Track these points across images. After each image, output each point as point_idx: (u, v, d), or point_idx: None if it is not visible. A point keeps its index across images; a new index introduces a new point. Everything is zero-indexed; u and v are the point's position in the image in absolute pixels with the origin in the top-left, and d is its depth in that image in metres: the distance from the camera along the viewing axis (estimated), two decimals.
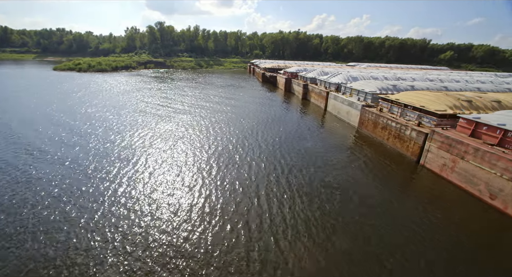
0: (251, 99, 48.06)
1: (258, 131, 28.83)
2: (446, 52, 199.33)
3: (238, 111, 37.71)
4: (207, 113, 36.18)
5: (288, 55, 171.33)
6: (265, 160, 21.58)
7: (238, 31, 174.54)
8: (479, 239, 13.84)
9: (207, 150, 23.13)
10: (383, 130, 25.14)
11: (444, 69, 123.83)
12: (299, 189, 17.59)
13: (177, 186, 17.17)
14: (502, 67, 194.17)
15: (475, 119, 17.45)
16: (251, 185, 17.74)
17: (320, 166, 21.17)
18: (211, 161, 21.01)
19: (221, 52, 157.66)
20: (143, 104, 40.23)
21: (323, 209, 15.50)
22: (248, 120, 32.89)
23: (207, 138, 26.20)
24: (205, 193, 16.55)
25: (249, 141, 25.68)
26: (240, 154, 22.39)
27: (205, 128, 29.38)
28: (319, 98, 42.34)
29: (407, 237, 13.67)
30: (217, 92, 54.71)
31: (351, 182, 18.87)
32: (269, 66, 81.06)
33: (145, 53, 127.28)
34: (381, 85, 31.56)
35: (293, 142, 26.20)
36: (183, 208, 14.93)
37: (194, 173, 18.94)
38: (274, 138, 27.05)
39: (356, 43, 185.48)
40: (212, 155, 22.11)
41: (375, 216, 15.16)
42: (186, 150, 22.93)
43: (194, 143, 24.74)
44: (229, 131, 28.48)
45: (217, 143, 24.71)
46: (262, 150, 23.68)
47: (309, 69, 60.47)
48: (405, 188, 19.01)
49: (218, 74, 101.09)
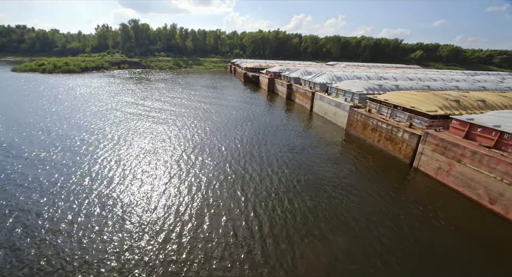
0: (234, 101, 46.07)
1: (243, 136, 27.05)
2: (416, 51, 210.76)
3: (221, 114, 35.59)
4: (188, 118, 33.67)
5: (269, 55, 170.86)
6: (250, 167, 19.98)
7: (217, 30, 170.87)
8: (480, 245, 13.23)
9: (191, 161, 20.91)
10: (373, 132, 24.47)
11: (416, 67, 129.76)
12: (287, 194, 16.67)
13: (161, 209, 14.91)
14: (464, 65, 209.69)
15: (469, 120, 17.03)
16: (238, 197, 16.02)
17: (309, 169, 20.28)
18: (195, 170, 18.92)
19: (200, 52, 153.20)
20: (116, 111, 36.69)
21: (311, 215, 14.72)
22: (232, 124, 30.94)
23: (190, 147, 23.90)
24: (196, 209, 14.57)
25: (233, 147, 23.81)
26: (224, 164, 20.49)
27: (188, 136, 27.00)
28: (304, 99, 41.39)
29: (402, 242, 13.12)
30: (198, 94, 51.98)
31: (341, 186, 18.09)
32: (250, 66, 79.35)
33: (118, 53, 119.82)
34: (367, 85, 31.11)
35: (280, 145, 24.93)
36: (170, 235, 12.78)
37: (179, 191, 16.73)
38: (259, 142, 25.50)
39: (334, 43, 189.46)
40: (196, 165, 19.98)
41: (368, 220, 14.52)
42: (168, 164, 20.53)
43: (176, 154, 22.37)
44: (213, 137, 26.36)
45: (201, 151, 22.56)
46: (247, 156, 22.02)
47: (292, 68, 59.61)
48: (399, 191, 18.22)
49: (198, 74, 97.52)
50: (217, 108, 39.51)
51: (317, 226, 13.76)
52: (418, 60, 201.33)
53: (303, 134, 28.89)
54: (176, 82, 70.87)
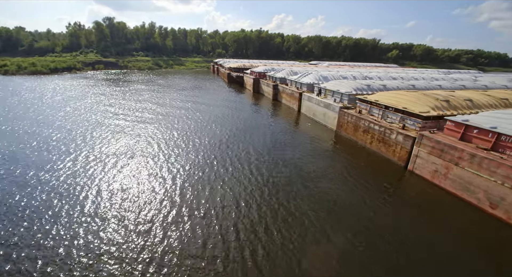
0: (219, 103, 44.11)
1: (229, 139, 25.46)
2: (392, 51, 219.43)
3: (205, 118, 33.59)
4: (170, 123, 31.35)
5: (252, 54, 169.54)
6: (237, 174, 18.59)
7: (198, 29, 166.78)
8: (481, 250, 12.72)
9: (175, 170, 18.94)
10: (365, 134, 23.79)
11: (393, 66, 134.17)
12: (276, 200, 15.96)
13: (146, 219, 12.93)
14: (436, 64, 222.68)
15: (464, 121, 16.61)
16: (224, 205, 14.53)
17: (299, 173, 19.48)
18: (179, 180, 17.06)
19: (181, 51, 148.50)
20: (90, 118, 33.50)
21: (302, 220, 14.08)
22: (217, 128, 29.13)
23: (173, 155, 21.85)
24: (183, 218, 12.81)
25: (219, 152, 22.13)
26: (210, 170, 18.78)
27: (171, 143, 24.85)
28: (291, 99, 40.39)
29: (401, 247, 12.62)
30: (180, 96, 49.36)
31: (333, 190, 17.47)
32: (234, 66, 77.46)
33: (92, 53, 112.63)
34: (355, 85, 30.59)
35: (268, 149, 23.77)
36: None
37: (163, 202, 14.78)
38: (246, 146, 24.15)
39: (316, 42, 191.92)
40: (181, 173, 18.09)
41: (364, 225, 13.96)
42: (151, 177, 18.41)
43: (158, 163, 20.25)
44: (198, 142, 24.44)
45: (185, 159, 20.61)
46: (234, 162, 20.56)
47: (277, 68, 58.59)
48: (395, 195, 17.50)
49: (179, 74, 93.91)
50: (201, 110, 37.42)
51: (311, 231, 13.34)
52: (394, 59, 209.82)
53: (292, 137, 27.76)
54: (156, 83, 67.34)
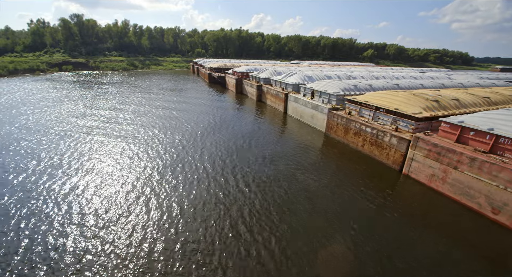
0: (200, 105, 41.70)
1: (212, 145, 23.54)
2: (368, 50, 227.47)
3: (186, 121, 31.18)
4: (148, 128, 28.60)
5: (232, 54, 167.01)
6: (221, 183, 16.78)
7: (176, 28, 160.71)
8: (483, 257, 12.05)
9: (153, 182, 16.65)
10: (356, 136, 22.94)
11: (371, 65, 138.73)
12: (264, 209, 14.84)
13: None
14: (407, 62, 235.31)
15: (460, 123, 16.09)
16: (214, 224, 12.67)
17: (289, 179, 18.30)
18: (159, 195, 14.86)
19: (158, 51, 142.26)
20: (57, 125, 29.75)
21: (292, 229, 13.28)
22: (199, 132, 26.96)
23: (151, 164, 19.44)
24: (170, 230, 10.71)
25: (201, 159, 20.11)
26: (192, 178, 16.76)
27: (149, 150, 22.31)
28: (276, 100, 39.05)
29: (399, 254, 11.81)
30: (158, 99, 46.18)
31: (324, 196, 16.47)
32: (215, 66, 74.87)
33: (59, 52, 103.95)
34: (342, 85, 29.84)
35: (254, 153, 22.31)
36: None
37: (144, 215, 12.55)
38: (230, 150, 22.48)
39: (295, 42, 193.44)
40: (160, 186, 15.87)
41: (356, 233, 13.15)
42: (126, 191, 15.97)
43: (135, 175, 17.78)
44: (178, 150, 22.17)
45: (164, 169, 18.33)
46: (217, 169, 18.79)
47: (260, 68, 57.11)
48: (389, 200, 16.63)
49: (157, 75, 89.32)
50: (181, 113, 34.88)
51: (302, 239, 12.66)
52: (370, 58, 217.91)
53: (279, 140, 26.36)
54: (132, 85, 63.03)
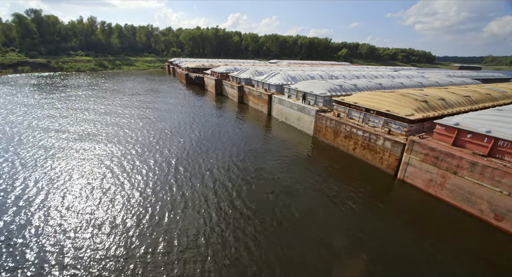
0: (177, 108, 38.75)
1: (190, 151, 21.26)
2: (342, 49, 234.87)
3: (162, 126, 28.33)
4: (119, 136, 25.38)
5: (209, 53, 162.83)
6: (203, 193, 14.71)
7: (149, 26, 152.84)
8: (487, 266, 11.38)
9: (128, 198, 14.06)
10: (347, 140, 21.92)
11: (346, 64, 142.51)
12: (250, 218, 13.69)
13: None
14: (378, 61, 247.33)
15: (456, 126, 15.48)
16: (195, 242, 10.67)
17: (274, 185, 17.00)
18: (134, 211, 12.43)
19: (130, 50, 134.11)
20: (12, 137, 25.39)
21: (282, 240, 12.40)
22: (177, 138, 24.41)
23: (125, 178, 16.69)
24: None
25: (178, 168, 17.78)
26: (167, 194, 14.46)
27: (123, 162, 19.39)
28: (259, 102, 37.35)
29: (397, 265, 11.08)
30: (132, 102, 42.32)
31: (315, 203, 15.44)
32: (192, 66, 71.38)
33: (14, 51, 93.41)
34: (328, 86, 28.86)
35: (239, 158, 20.63)
36: None
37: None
38: (211, 157, 20.50)
39: (273, 41, 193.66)
40: (136, 201, 13.39)
41: (348, 242, 12.34)
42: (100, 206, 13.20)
43: (110, 190, 14.97)
44: (153, 159, 19.54)
45: (138, 180, 15.75)
46: (199, 178, 16.63)
47: (240, 68, 55.06)
48: (384, 206, 15.73)
49: (129, 76, 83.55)
50: (157, 117, 31.83)
51: (290, 250, 11.92)
52: (344, 57, 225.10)
53: (264, 144, 24.73)
54: (101, 87, 57.75)
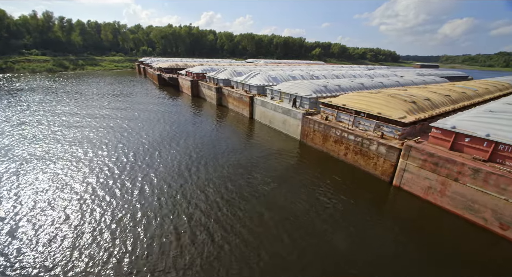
0: (149, 112, 35.18)
1: (159, 167, 18.45)
2: (315, 48, 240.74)
3: (132, 134, 24.99)
4: (82, 146, 21.66)
5: (183, 52, 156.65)
6: (172, 222, 12.35)
7: (115, 23, 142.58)
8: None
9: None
10: (337, 144, 20.66)
11: (321, 63, 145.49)
12: (238, 235, 12.26)
13: None
14: (350, 60, 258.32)
15: (453, 129, 14.75)
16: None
17: (260, 194, 15.42)
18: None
19: (94, 49, 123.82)
20: None
21: (272, 254, 11.45)
22: (149, 147, 21.45)
23: (86, 196, 13.58)
24: None
25: (144, 188, 15.14)
26: (142, 211, 11.90)
27: (88, 176, 16.07)
28: (240, 104, 35.17)
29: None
30: (98, 108, 37.71)
31: (305, 213, 14.25)
32: (165, 66, 66.88)
33: None
34: (313, 87, 27.56)
35: (220, 166, 18.55)
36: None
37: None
38: (190, 165, 18.05)
39: (249, 40, 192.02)
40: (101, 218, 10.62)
41: (342, 255, 11.59)
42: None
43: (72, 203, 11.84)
44: (121, 172, 16.54)
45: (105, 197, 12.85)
46: (174, 192, 14.04)
47: (217, 68, 52.30)
48: (380, 215, 14.82)
49: (95, 77, 76.33)
50: (126, 124, 28.23)
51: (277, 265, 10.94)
52: (318, 56, 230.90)
53: (248, 150, 22.80)
54: (62, 91, 51.34)
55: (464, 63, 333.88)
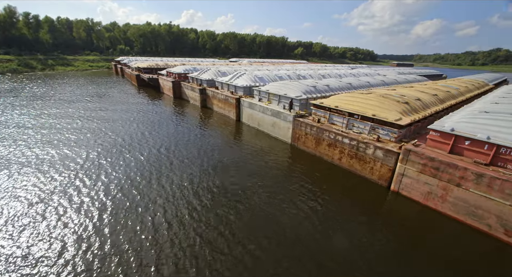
0: (128, 115, 32.52)
1: (143, 171, 16.54)
2: (298, 48, 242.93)
3: (109, 141, 22.58)
4: (55, 157, 19.01)
5: (163, 51, 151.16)
6: (154, 238, 10.74)
7: (89, 20, 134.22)
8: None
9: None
10: (331, 148, 19.73)
11: (304, 62, 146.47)
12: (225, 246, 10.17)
13: None
14: (331, 59, 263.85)
15: (452, 132, 14.21)
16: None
17: (247, 204, 13.98)
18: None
19: (66, 48, 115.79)
20: None
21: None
22: (133, 155, 19.32)
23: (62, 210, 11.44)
24: None
25: (121, 199, 13.30)
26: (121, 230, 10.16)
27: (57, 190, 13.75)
28: (226, 106, 33.49)
29: None
30: (71, 112, 34.33)
31: (298, 221, 13.31)
32: (144, 65, 63.35)
33: None
34: (302, 87, 26.54)
35: (203, 174, 16.53)
36: None
37: None
38: (165, 183, 16.08)
39: (231, 39, 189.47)
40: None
41: (339, 266, 10.79)
42: None
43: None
44: (97, 183, 14.44)
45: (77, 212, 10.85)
46: (145, 217, 12.34)
47: (200, 68, 50.07)
48: (378, 222, 14.08)
49: (67, 78, 70.83)
50: (102, 131, 25.60)
51: None
52: (300, 55, 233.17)
53: (235, 155, 21.35)
54: (29, 94, 46.52)
55: (435, 62, 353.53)
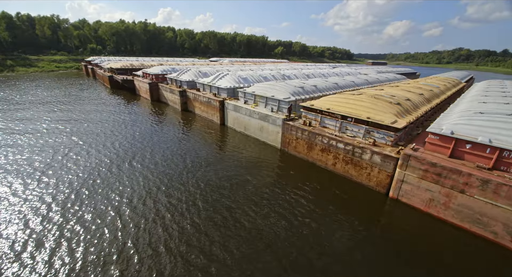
0: (100, 122, 29.39)
1: (118, 183, 14.34)
2: (278, 47, 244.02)
3: (80, 152, 19.76)
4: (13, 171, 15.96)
5: (139, 51, 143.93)
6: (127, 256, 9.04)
7: (54, 17, 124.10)
8: None
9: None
10: (325, 153, 18.62)
11: (286, 61, 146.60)
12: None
13: None
14: (310, 58, 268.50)
15: (453, 135, 13.57)
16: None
17: (234, 216, 11.96)
18: None
19: (28, 47, 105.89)
20: None
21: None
22: (101, 169, 16.86)
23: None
24: None
25: (93, 219, 11.23)
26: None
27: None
28: (209, 110, 31.43)
29: None
30: (32, 119, 30.34)
31: (291, 231, 12.04)
32: (117, 66, 58.91)
33: None
34: (290, 88, 25.26)
35: (181, 195, 14.66)
36: None
37: None
38: (142, 197, 14.08)
39: (211, 38, 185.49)
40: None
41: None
42: None
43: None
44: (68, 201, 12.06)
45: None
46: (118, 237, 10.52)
47: (179, 68, 47.25)
48: (377, 230, 13.34)
49: (31, 80, 64.26)
50: (72, 140, 22.55)
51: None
52: (281, 55, 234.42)
53: (220, 162, 19.66)
54: None
55: (406, 61, 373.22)
